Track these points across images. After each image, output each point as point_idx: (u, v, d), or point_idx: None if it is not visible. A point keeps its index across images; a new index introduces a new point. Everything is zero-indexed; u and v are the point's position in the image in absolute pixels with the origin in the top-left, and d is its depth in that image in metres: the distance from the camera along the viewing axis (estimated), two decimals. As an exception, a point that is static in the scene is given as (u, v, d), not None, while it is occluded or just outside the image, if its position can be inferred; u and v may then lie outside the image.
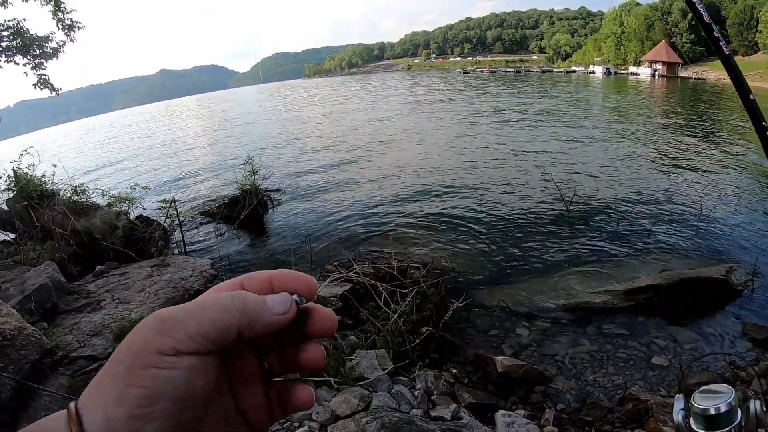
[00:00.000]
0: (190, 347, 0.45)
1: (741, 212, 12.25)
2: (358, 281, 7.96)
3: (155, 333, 0.45)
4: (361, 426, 4.15)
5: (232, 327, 0.48)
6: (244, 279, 0.55)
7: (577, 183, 14.44)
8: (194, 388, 0.46)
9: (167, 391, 0.44)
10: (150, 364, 0.44)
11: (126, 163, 30.48)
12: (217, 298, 0.49)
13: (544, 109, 36.36)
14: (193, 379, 0.45)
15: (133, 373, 0.44)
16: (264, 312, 0.50)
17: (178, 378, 0.44)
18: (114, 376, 0.45)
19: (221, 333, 0.47)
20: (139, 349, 0.45)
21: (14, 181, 11.04)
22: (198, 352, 0.46)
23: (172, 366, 0.44)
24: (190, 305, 0.48)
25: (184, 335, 0.45)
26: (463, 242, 11.42)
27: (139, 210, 12.25)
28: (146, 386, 0.43)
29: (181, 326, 0.46)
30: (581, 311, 8.16)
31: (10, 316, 5.35)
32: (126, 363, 0.45)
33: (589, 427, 5.31)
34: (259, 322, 0.50)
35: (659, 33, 79.65)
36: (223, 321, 0.47)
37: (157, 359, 0.44)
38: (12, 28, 12.31)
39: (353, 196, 16.24)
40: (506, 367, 6.10)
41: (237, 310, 0.48)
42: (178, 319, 0.46)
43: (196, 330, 0.46)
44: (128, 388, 0.43)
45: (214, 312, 0.48)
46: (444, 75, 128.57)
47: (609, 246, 10.69)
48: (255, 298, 0.51)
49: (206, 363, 0.47)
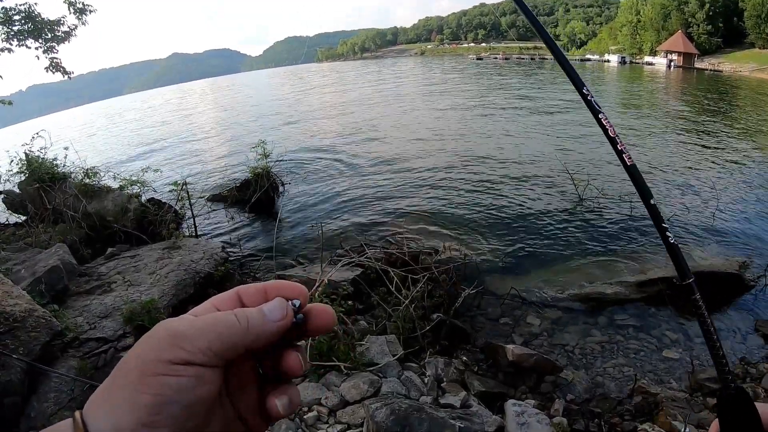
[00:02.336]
0: (200, 360, 0.48)
1: (756, 207, 12.08)
2: (369, 266, 7.96)
3: (167, 344, 0.48)
4: (371, 412, 4.14)
5: (238, 345, 0.51)
6: (240, 291, 0.58)
7: (590, 173, 14.29)
8: (201, 396, 0.48)
9: (176, 398, 0.46)
10: (161, 372, 0.46)
11: (138, 147, 30.56)
12: (224, 317, 0.52)
13: (557, 98, 36.00)
14: (200, 386, 0.48)
15: (144, 381, 0.46)
16: (266, 325, 0.53)
17: (187, 386, 0.47)
18: (124, 384, 0.47)
19: (229, 350, 0.50)
20: (151, 359, 0.47)
21: (26, 164, 11.11)
22: (207, 364, 0.49)
23: (181, 374, 0.47)
24: (199, 321, 0.51)
25: (195, 348, 0.48)
26: (475, 229, 11.36)
27: (151, 193, 12.28)
28: (157, 393, 0.45)
29: (192, 341, 0.48)
30: (593, 301, 8.10)
31: (20, 298, 5.38)
32: (137, 372, 0.47)
33: (598, 418, 5.28)
34: (262, 336, 0.53)
35: (676, 23, 78.48)
36: (230, 339, 0.50)
37: (168, 368, 0.46)
38: (23, 12, 12.31)
39: (365, 181, 16.21)
40: (517, 355, 6.07)
41: (242, 328, 0.51)
42: (189, 334, 0.49)
43: (206, 345, 0.49)
44: (139, 396, 0.45)
45: (222, 329, 0.50)
46: (457, 61, 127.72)
47: (622, 237, 10.60)
48: (256, 314, 0.53)
49: (213, 372, 0.50)
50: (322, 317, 0.58)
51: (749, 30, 69.93)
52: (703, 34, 75.56)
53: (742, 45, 72.53)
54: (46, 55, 13.19)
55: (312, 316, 0.58)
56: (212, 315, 0.52)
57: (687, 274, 0.91)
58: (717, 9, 74.45)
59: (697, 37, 75.31)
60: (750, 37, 70.45)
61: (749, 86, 45.07)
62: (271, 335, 0.53)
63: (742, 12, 71.15)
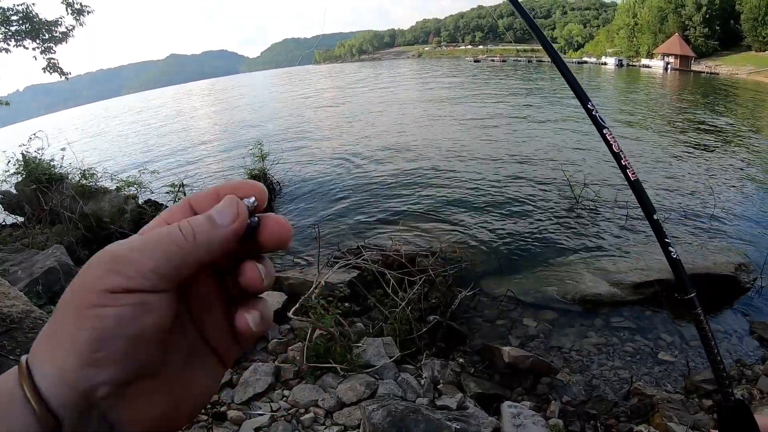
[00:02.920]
0: (143, 285, 0.42)
1: (753, 208, 12.12)
2: (366, 268, 7.96)
3: (104, 271, 0.42)
4: (367, 413, 4.15)
5: (188, 262, 0.44)
6: (190, 199, 0.51)
7: (586, 174, 14.31)
8: (147, 326, 0.42)
9: (118, 331, 0.40)
10: (98, 303, 0.40)
11: (135, 147, 30.55)
12: (168, 232, 0.45)
13: (555, 101, 36.03)
14: (146, 315, 0.42)
15: (80, 315, 0.41)
16: (216, 231, 0.46)
17: (129, 316, 0.41)
18: (62, 321, 0.42)
19: (177, 269, 0.43)
20: (87, 290, 0.41)
21: (23, 165, 11.09)
22: (152, 290, 0.42)
23: (119, 303, 0.41)
24: (140, 240, 0.44)
25: (137, 273, 0.42)
26: (472, 231, 11.36)
27: (148, 194, 12.29)
28: (95, 328, 0.40)
29: (132, 264, 0.42)
30: (589, 303, 8.11)
31: (17, 299, 5.36)
32: (72, 305, 0.41)
33: (594, 420, 5.29)
34: (214, 246, 0.46)
35: (673, 25, 78.79)
36: (177, 257, 0.43)
37: (105, 298, 0.41)
38: (21, 12, 12.32)
39: (362, 182, 16.18)
40: (513, 357, 6.08)
41: (189, 243, 0.44)
42: (128, 256, 0.42)
43: (150, 268, 0.42)
44: (77, 333, 0.40)
45: (166, 246, 0.44)
46: (454, 63, 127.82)
47: (617, 239, 10.62)
48: (203, 221, 0.46)
49: (161, 298, 0.43)
50: (275, 227, 0.50)
51: (746, 33, 70.35)
52: (700, 36, 75.93)
53: (739, 48, 72.94)
54: (44, 55, 13.22)
55: (265, 225, 0.50)
56: (156, 231, 0.45)
57: (688, 288, 0.91)
58: (714, 12, 74.84)
59: (694, 40, 75.65)
60: (747, 39, 70.91)
61: (746, 88, 45.24)
62: (224, 242, 0.46)
63: (738, 15, 71.60)
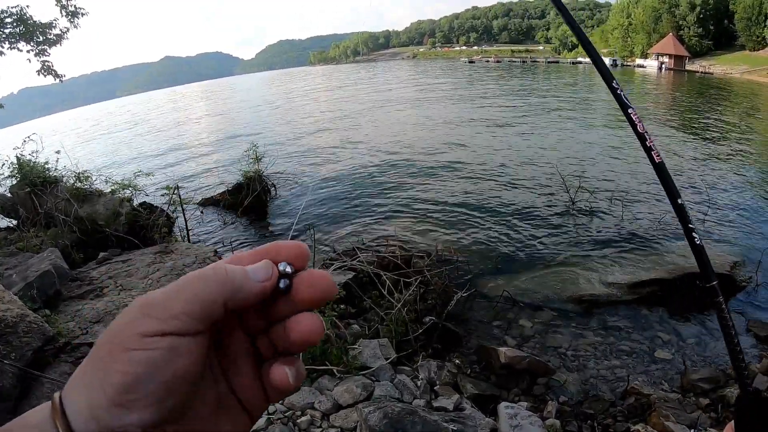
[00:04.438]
0: (174, 327, 0.43)
1: (747, 208, 12.17)
2: (361, 270, 7.96)
3: (138, 315, 0.43)
4: (364, 415, 4.14)
5: (216, 300, 0.45)
6: (233, 258, 0.52)
7: (582, 175, 14.34)
8: (179, 370, 0.43)
9: (149, 375, 0.41)
10: (131, 347, 0.42)
11: (129, 150, 30.51)
12: (198, 273, 0.46)
13: (550, 100, 36.15)
14: (176, 359, 0.43)
15: (114, 357, 0.42)
16: (246, 280, 0.47)
17: (160, 359, 0.42)
18: (96, 362, 0.43)
19: (206, 308, 0.44)
20: (123, 333, 0.43)
21: (17, 168, 11.04)
22: (183, 332, 0.43)
23: (152, 347, 0.42)
24: (172, 286, 0.45)
25: (168, 315, 0.43)
26: (467, 232, 11.39)
27: (143, 197, 12.25)
28: (127, 371, 0.41)
29: (163, 306, 0.43)
30: (585, 303, 8.14)
31: (12, 303, 5.34)
32: (107, 348, 0.43)
33: (591, 420, 5.30)
34: (242, 290, 0.47)
35: (667, 25, 79.02)
36: (206, 294, 0.45)
37: (139, 341, 0.42)
38: (15, 14, 12.28)
39: (358, 184, 16.23)
40: (509, 358, 6.09)
41: (218, 281, 0.46)
42: (161, 300, 0.44)
43: (180, 309, 0.43)
44: (110, 375, 0.41)
45: (196, 286, 0.45)
46: (449, 64, 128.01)
47: (613, 238, 10.64)
48: (235, 267, 0.48)
49: (190, 342, 0.44)
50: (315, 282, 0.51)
51: (740, 32, 70.63)
52: (694, 36, 76.18)
53: (733, 47, 73.22)
54: (38, 57, 13.17)
55: (300, 284, 0.51)
56: (187, 275, 0.47)
57: (711, 276, 0.89)
58: (708, 12, 75.11)
59: (688, 40, 75.90)
60: (740, 39, 71.15)
61: (740, 88, 45.47)
62: (251, 293, 0.47)
63: (732, 14, 71.87)
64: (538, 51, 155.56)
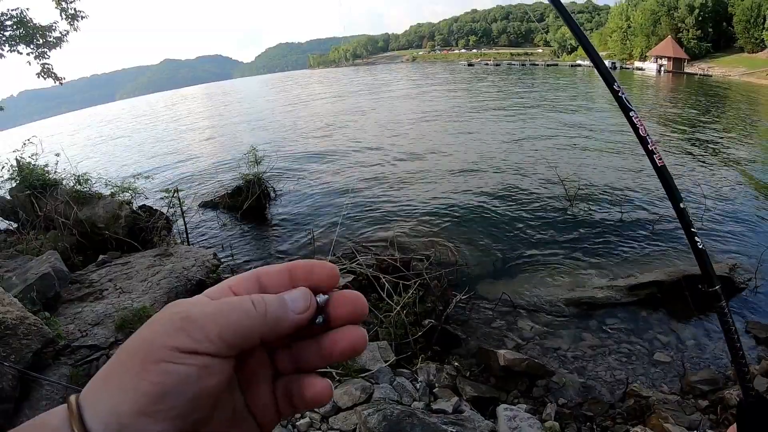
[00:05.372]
0: (208, 349, 0.43)
1: (745, 210, 12.18)
2: (361, 272, 7.96)
3: (175, 329, 0.43)
4: (363, 418, 4.15)
5: (254, 334, 0.46)
6: (260, 273, 0.53)
7: (580, 177, 14.36)
8: (207, 388, 0.43)
9: (180, 389, 0.42)
10: (165, 359, 0.42)
11: (129, 153, 30.52)
12: (240, 302, 0.47)
13: (549, 103, 36.19)
14: (207, 378, 0.43)
15: (146, 366, 0.42)
16: (286, 315, 0.48)
17: (193, 376, 0.42)
18: (125, 368, 0.43)
19: (242, 339, 0.45)
20: (157, 343, 0.43)
21: (17, 171, 11.05)
22: (216, 354, 0.44)
23: (186, 362, 0.42)
24: (211, 306, 0.46)
25: (204, 337, 0.43)
26: (466, 235, 11.39)
27: (142, 200, 12.28)
28: (159, 382, 0.41)
29: (203, 328, 0.44)
30: (584, 305, 8.14)
31: (12, 306, 5.34)
32: (140, 356, 0.43)
33: (590, 422, 5.31)
34: (279, 328, 0.48)
35: (665, 28, 79.09)
36: (245, 327, 0.45)
37: (173, 355, 0.42)
38: (15, 17, 12.29)
39: (356, 187, 16.17)
40: (508, 360, 6.09)
41: (259, 316, 0.46)
42: (200, 318, 0.44)
43: (216, 334, 0.44)
44: (140, 382, 0.41)
45: (236, 317, 0.45)
46: (449, 67, 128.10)
47: (612, 241, 10.65)
48: (276, 302, 0.48)
49: (222, 363, 0.45)
50: (349, 304, 0.52)
51: (738, 35, 70.79)
52: (693, 39, 76.26)
53: (732, 49, 73.39)
54: (38, 60, 13.17)
55: (338, 303, 0.52)
56: (227, 300, 0.47)
57: (714, 281, 0.89)
58: (706, 14, 75.21)
59: (687, 42, 75.93)
60: (739, 41, 71.32)
61: (738, 89, 45.51)
62: (290, 327, 0.48)
63: (731, 17, 71.98)
64: (537, 54, 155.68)
